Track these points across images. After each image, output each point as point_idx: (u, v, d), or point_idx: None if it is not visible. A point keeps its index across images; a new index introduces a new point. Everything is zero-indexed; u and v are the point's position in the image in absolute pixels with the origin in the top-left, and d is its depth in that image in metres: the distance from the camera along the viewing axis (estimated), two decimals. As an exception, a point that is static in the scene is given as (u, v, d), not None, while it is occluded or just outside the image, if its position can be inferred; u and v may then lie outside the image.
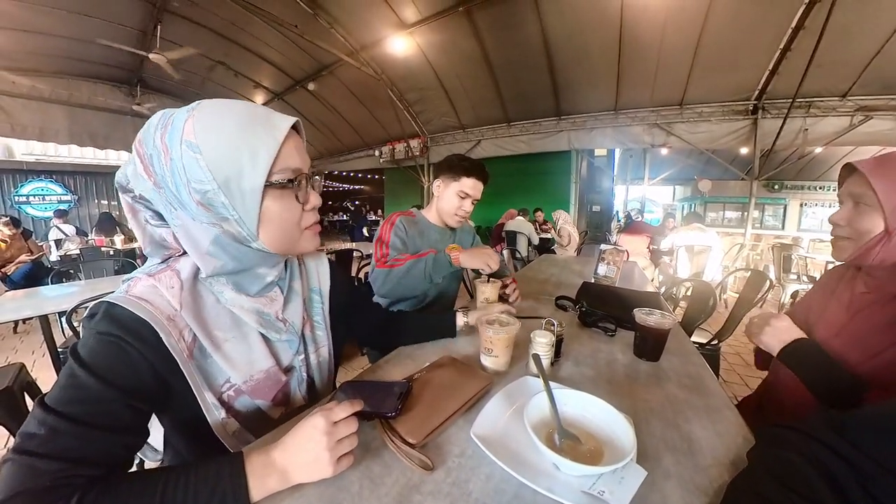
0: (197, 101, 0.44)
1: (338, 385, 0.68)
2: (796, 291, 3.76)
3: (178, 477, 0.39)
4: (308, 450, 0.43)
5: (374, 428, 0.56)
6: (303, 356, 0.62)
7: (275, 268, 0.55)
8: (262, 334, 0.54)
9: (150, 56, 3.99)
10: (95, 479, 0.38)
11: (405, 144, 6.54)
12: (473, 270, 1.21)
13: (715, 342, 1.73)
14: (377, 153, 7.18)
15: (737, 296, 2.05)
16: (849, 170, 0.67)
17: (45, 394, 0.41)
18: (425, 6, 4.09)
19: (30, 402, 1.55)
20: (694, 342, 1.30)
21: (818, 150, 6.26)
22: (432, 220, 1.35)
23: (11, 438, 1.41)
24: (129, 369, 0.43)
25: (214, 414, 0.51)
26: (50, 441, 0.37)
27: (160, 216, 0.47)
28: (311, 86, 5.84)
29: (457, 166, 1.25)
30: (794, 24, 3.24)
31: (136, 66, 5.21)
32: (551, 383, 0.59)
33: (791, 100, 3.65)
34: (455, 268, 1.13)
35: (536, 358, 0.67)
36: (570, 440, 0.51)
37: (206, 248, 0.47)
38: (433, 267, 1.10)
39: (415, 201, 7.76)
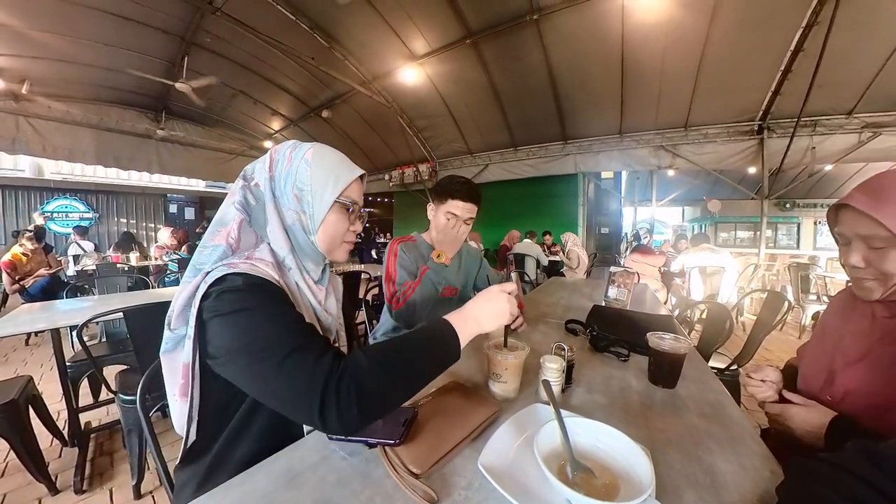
0: (315, 143, 0.69)
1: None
2: (817, 312, 3.61)
3: (413, 335, 0.57)
4: (496, 306, 0.63)
5: (377, 456, 0.54)
6: (336, 346, 0.72)
7: (318, 267, 0.72)
8: (315, 315, 0.68)
9: (176, 85, 4.26)
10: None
11: (414, 169, 6.70)
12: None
13: (734, 367, 1.65)
14: (387, 177, 7.35)
15: (754, 318, 1.97)
16: (836, 209, 0.64)
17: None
18: (434, 39, 4.32)
19: (33, 415, 1.55)
20: (712, 367, 1.25)
21: (828, 167, 6.19)
22: (431, 243, 1.32)
23: (12, 452, 1.39)
24: (284, 299, 0.57)
25: None
26: (296, 338, 0.51)
27: (243, 206, 0.64)
28: (325, 113, 6.09)
29: (444, 188, 1.20)
30: (792, 48, 3.31)
31: (163, 94, 5.53)
32: (563, 411, 0.57)
33: (796, 119, 3.66)
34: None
35: (547, 384, 0.65)
36: (583, 473, 0.48)
37: (286, 225, 0.65)
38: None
39: (423, 223, 7.80)
